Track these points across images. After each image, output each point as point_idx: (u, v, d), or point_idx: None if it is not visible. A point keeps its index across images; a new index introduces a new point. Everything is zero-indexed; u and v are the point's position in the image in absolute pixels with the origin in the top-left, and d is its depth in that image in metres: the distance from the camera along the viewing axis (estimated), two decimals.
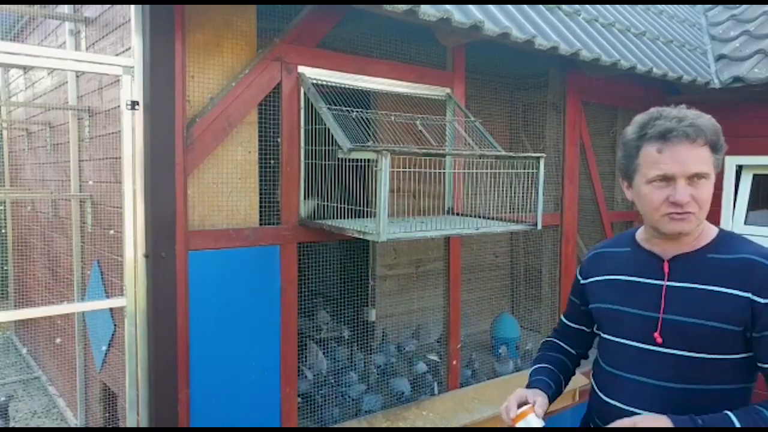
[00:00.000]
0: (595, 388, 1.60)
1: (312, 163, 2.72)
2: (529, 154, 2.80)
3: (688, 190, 1.38)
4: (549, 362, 1.72)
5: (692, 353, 1.41)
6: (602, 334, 1.62)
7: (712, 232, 1.51)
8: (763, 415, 1.32)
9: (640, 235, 1.59)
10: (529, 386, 1.59)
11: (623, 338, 1.53)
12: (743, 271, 1.39)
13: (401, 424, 3.00)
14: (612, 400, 1.53)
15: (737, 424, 1.30)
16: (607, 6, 4.18)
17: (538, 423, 1.46)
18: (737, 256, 1.42)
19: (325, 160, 2.66)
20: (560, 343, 1.79)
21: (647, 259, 1.52)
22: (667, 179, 1.39)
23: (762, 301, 1.35)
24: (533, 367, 1.71)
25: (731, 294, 1.38)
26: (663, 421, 1.34)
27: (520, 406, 1.50)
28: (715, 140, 1.42)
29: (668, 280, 1.46)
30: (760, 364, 1.39)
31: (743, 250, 1.43)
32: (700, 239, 1.49)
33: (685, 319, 1.42)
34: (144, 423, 2.43)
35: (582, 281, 1.67)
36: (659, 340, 1.44)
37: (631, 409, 1.47)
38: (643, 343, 1.48)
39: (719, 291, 1.40)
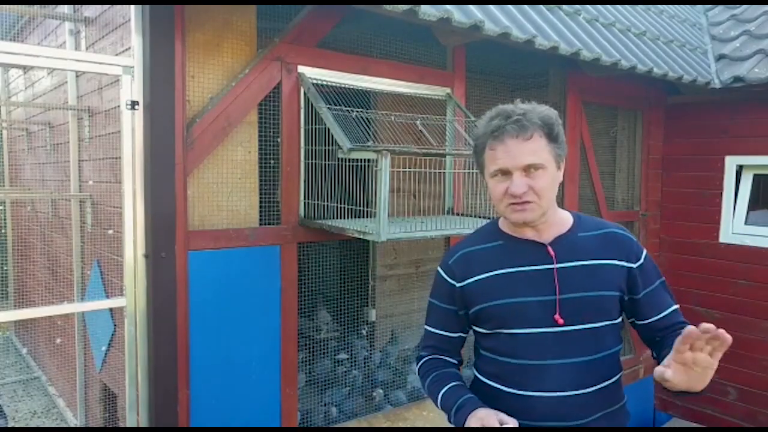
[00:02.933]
0: (503, 386, 1.53)
1: (312, 163, 2.72)
2: None
3: (524, 182, 1.45)
4: (458, 379, 1.60)
5: (590, 324, 1.50)
6: (502, 330, 1.53)
7: (566, 214, 1.62)
8: None
9: (506, 227, 1.60)
10: (462, 407, 1.49)
11: (528, 328, 1.51)
12: (611, 242, 1.55)
13: (401, 424, 3.00)
14: (531, 391, 1.49)
15: None
16: (608, 6, 4.18)
17: None
18: (601, 231, 1.58)
19: (325, 160, 2.66)
20: (444, 358, 1.66)
21: (529, 246, 1.55)
22: (504, 173, 1.47)
23: (634, 265, 1.54)
24: (447, 387, 1.57)
25: (609, 264, 1.53)
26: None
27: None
28: (549, 130, 1.48)
29: (557, 263, 1.52)
30: (639, 322, 1.57)
31: (601, 226, 1.60)
32: (565, 222, 1.59)
33: (579, 294, 1.50)
34: (144, 423, 2.43)
35: (458, 285, 1.57)
36: (560, 321, 1.49)
37: (552, 393, 1.47)
38: (547, 327, 1.50)
39: (600, 264, 1.53)
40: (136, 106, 2.32)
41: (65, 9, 3.20)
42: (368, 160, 2.53)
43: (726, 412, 4.37)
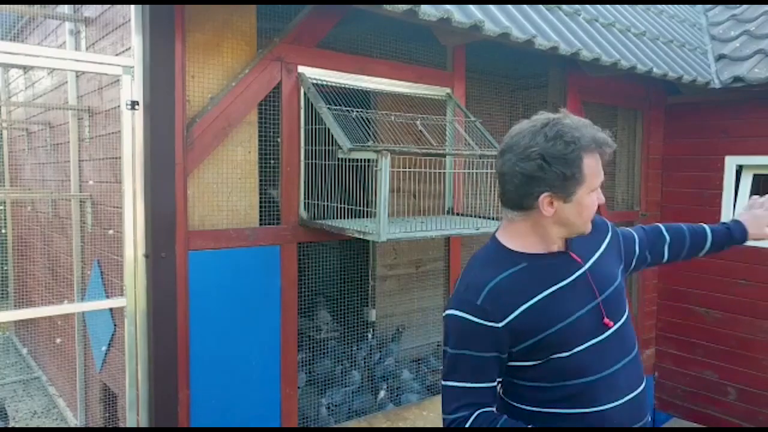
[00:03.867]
0: (579, 406, 1.38)
1: (312, 163, 2.72)
2: None
3: (601, 196, 1.49)
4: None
5: (625, 312, 1.48)
6: (557, 356, 1.37)
7: None
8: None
9: (521, 246, 1.43)
10: None
11: (582, 344, 1.39)
12: (597, 224, 1.56)
13: (401, 424, 3.00)
14: (607, 404, 1.38)
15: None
16: (607, 6, 4.18)
17: None
18: (610, 224, 1.66)
19: (325, 160, 2.66)
20: (492, 410, 1.40)
21: (555, 260, 1.42)
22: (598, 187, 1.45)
23: (618, 231, 1.65)
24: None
25: (606, 242, 1.56)
26: None
27: None
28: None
29: (585, 265, 1.45)
30: (665, 255, 1.74)
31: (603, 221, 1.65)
32: None
33: (611, 288, 1.46)
34: (144, 423, 2.43)
35: (500, 325, 1.34)
36: (610, 324, 1.41)
37: (628, 397, 1.40)
38: (598, 336, 1.40)
39: (603, 248, 1.54)
40: (136, 106, 2.32)
41: (65, 9, 3.20)
42: (368, 160, 2.53)
43: (726, 412, 4.37)
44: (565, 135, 1.37)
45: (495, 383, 1.41)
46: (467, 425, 1.36)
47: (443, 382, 1.42)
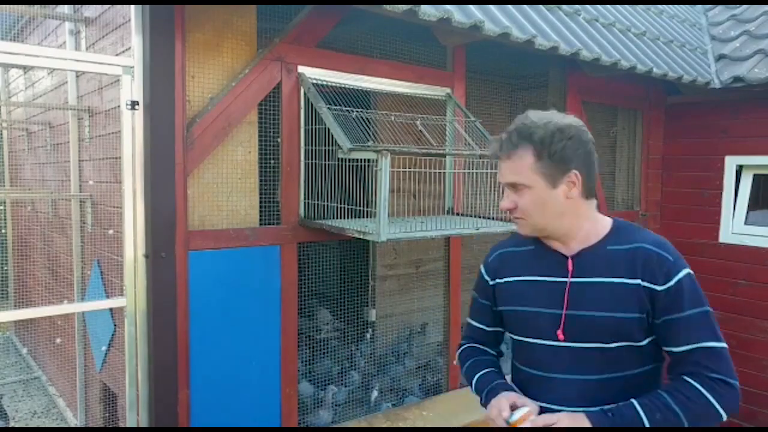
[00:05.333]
0: (521, 393, 1.54)
1: (312, 163, 2.72)
2: None
3: (510, 198, 1.48)
4: (494, 366, 1.66)
5: (598, 344, 1.44)
6: (514, 336, 1.59)
7: (606, 224, 1.52)
8: (664, 400, 1.37)
9: None
10: (492, 390, 1.55)
11: (534, 338, 1.52)
12: (638, 259, 1.43)
13: (401, 424, 3.00)
14: (543, 402, 1.49)
15: (640, 411, 1.37)
16: (608, 6, 4.18)
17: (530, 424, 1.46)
18: (632, 245, 1.45)
19: (325, 160, 2.66)
20: (481, 347, 1.71)
21: (552, 257, 1.52)
22: (507, 187, 1.50)
23: (658, 288, 1.40)
24: (482, 372, 1.63)
25: (630, 284, 1.42)
26: (581, 419, 1.39)
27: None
28: (540, 149, 1.42)
29: (572, 277, 1.48)
30: (664, 348, 1.45)
31: (636, 238, 1.47)
32: (598, 231, 1.50)
33: (589, 313, 1.44)
34: (144, 423, 2.43)
35: (491, 282, 1.62)
36: (561, 336, 1.47)
37: (558, 407, 1.46)
38: (550, 340, 1.49)
39: (620, 282, 1.43)
40: (136, 106, 2.32)
41: (65, 9, 3.20)
42: (368, 160, 2.53)
43: None
44: None
45: (490, 328, 1.68)
46: (458, 352, 1.74)
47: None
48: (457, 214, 3.24)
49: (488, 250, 1.72)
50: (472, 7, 2.82)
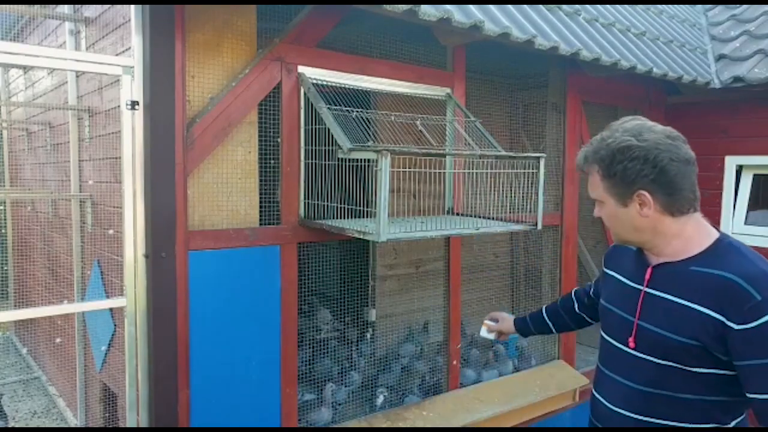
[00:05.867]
0: (593, 382, 1.72)
1: (312, 163, 2.72)
2: (529, 154, 2.80)
3: (596, 209, 1.57)
4: (547, 309, 2.11)
5: (660, 361, 1.45)
6: (600, 331, 1.70)
7: (705, 241, 1.45)
8: None
9: None
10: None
11: (608, 336, 1.63)
12: (720, 290, 1.35)
13: (401, 424, 3.00)
14: (596, 393, 1.65)
15: None
16: (607, 6, 4.18)
17: (486, 335, 2.22)
18: (719, 272, 1.37)
19: (325, 160, 2.66)
20: (573, 298, 2.04)
21: (639, 263, 1.57)
22: None
23: (736, 327, 1.31)
24: (536, 311, 2.14)
25: (703, 312, 1.37)
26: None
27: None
28: (605, 169, 1.46)
29: (647, 287, 1.51)
30: (747, 393, 1.37)
31: (727, 267, 1.37)
32: (688, 249, 1.45)
33: (656, 329, 1.46)
34: (144, 423, 2.43)
35: (604, 268, 1.76)
36: (632, 345, 1.52)
37: (610, 405, 1.57)
38: (621, 343, 1.56)
39: (692, 307, 1.39)
40: (136, 106, 2.32)
41: (65, 9, 3.20)
42: (368, 160, 2.53)
43: None
44: None
45: (594, 296, 1.94)
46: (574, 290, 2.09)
47: None
48: (457, 214, 3.24)
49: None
50: (472, 7, 2.82)
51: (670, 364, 1.43)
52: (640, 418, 1.50)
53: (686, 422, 1.44)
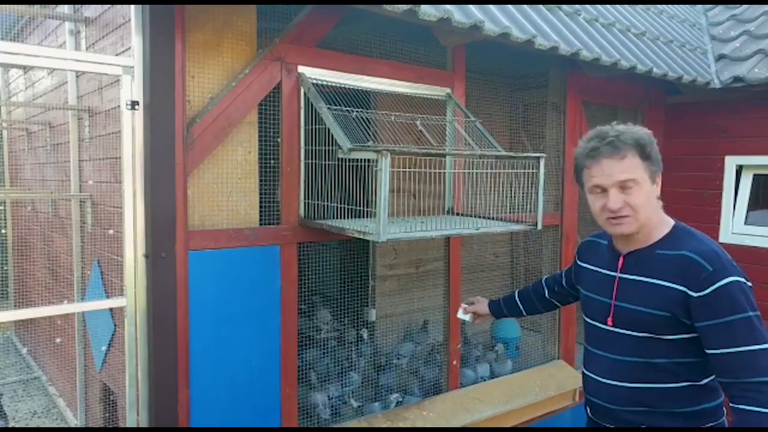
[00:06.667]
0: (583, 362, 1.93)
1: (312, 163, 2.72)
2: (529, 154, 2.80)
3: (620, 197, 1.64)
4: (519, 293, 2.34)
5: (637, 333, 1.70)
6: (583, 314, 1.94)
7: (666, 227, 1.73)
8: None
9: None
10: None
11: (590, 319, 1.87)
12: (681, 266, 1.62)
13: (401, 424, 3.00)
14: (586, 370, 1.88)
15: None
16: (607, 6, 4.18)
17: (462, 316, 2.41)
18: (678, 252, 1.65)
19: (325, 160, 2.66)
20: (544, 286, 2.27)
21: (612, 253, 1.82)
22: (602, 189, 1.67)
23: (695, 295, 1.58)
24: (510, 293, 2.38)
25: (669, 287, 1.63)
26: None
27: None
28: (641, 149, 1.64)
29: (620, 273, 1.76)
30: (706, 350, 1.61)
31: (684, 246, 1.65)
32: (652, 236, 1.72)
33: (631, 306, 1.71)
34: (144, 423, 2.43)
35: (578, 262, 2.00)
36: (610, 323, 1.77)
37: (599, 378, 1.80)
38: (601, 323, 1.81)
39: (660, 284, 1.66)
40: (136, 106, 2.32)
41: (65, 9, 3.20)
42: (368, 160, 2.53)
43: (726, 412, 4.37)
44: (578, 144, 1.76)
45: (564, 283, 2.20)
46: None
47: None
48: (457, 214, 3.24)
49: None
50: (472, 7, 2.82)
51: (647, 335, 1.68)
52: (624, 384, 1.73)
53: (664, 383, 1.69)
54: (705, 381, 1.69)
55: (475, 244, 4.15)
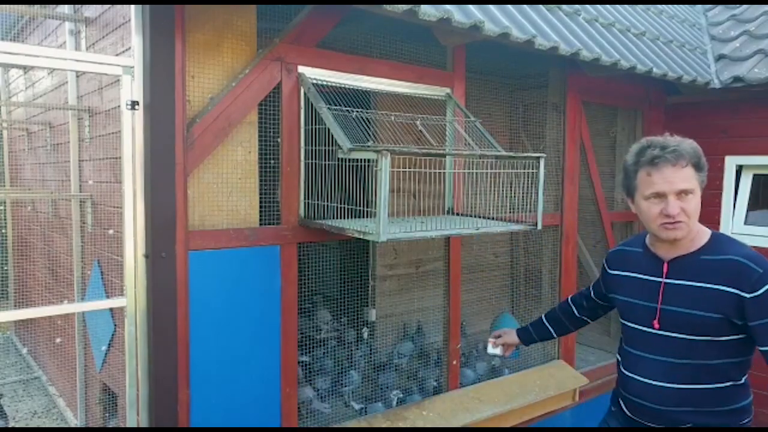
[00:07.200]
0: (620, 364, 2.01)
1: (312, 163, 2.72)
2: (529, 154, 2.80)
3: (677, 204, 1.74)
4: (547, 316, 2.38)
5: (685, 335, 1.79)
6: (621, 320, 2.02)
7: (705, 235, 1.84)
8: None
9: (648, 239, 1.96)
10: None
11: (634, 323, 1.94)
12: (729, 269, 1.73)
13: (401, 424, 3.00)
14: (629, 372, 1.94)
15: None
16: (607, 6, 4.18)
17: (492, 351, 2.41)
18: (725, 257, 1.75)
19: (325, 160, 2.66)
20: (571, 304, 2.33)
21: (652, 260, 1.91)
22: (660, 196, 1.76)
23: (748, 295, 1.69)
24: (536, 319, 2.41)
25: (719, 289, 1.73)
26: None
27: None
28: (697, 161, 1.76)
29: (666, 278, 1.85)
30: (759, 348, 1.72)
31: (730, 251, 1.76)
32: (695, 243, 1.83)
33: (679, 309, 1.80)
34: (144, 423, 2.43)
35: (609, 271, 2.08)
36: (656, 326, 1.86)
37: (644, 379, 1.88)
38: (647, 327, 1.89)
39: (708, 287, 1.75)
40: (137, 106, 2.32)
41: (65, 9, 3.20)
42: (368, 160, 2.53)
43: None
44: (631, 151, 1.86)
45: (595, 298, 2.24)
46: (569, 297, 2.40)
47: None
48: (457, 214, 3.24)
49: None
50: (472, 7, 2.82)
51: (695, 337, 1.77)
52: (672, 386, 1.82)
53: (709, 383, 1.79)
54: (743, 380, 1.85)
55: (475, 244, 4.15)
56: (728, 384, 1.81)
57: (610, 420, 2.09)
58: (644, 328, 1.89)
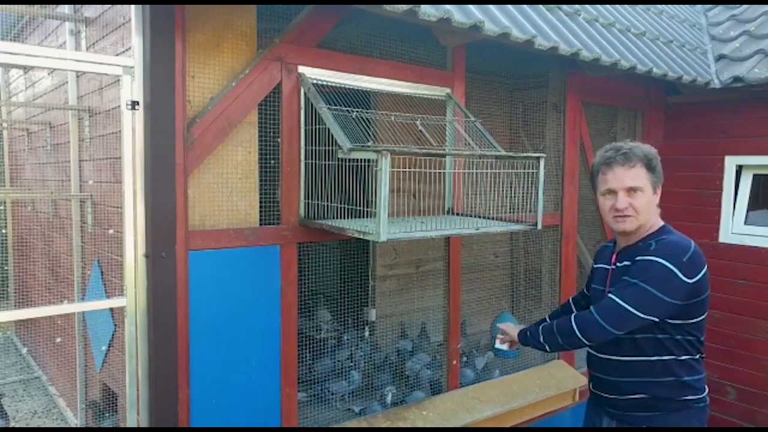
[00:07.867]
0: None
1: (312, 163, 2.72)
2: (529, 154, 2.80)
3: (626, 200, 2.00)
4: (551, 317, 2.47)
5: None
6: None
7: (653, 228, 2.07)
8: (550, 326, 2.16)
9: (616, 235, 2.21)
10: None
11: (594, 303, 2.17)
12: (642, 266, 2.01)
13: (401, 424, 3.01)
14: (592, 351, 2.21)
15: (539, 332, 2.19)
16: (607, 6, 4.18)
17: (500, 346, 2.53)
18: (645, 258, 1.98)
19: (325, 160, 2.66)
20: (572, 304, 2.52)
21: (611, 251, 2.21)
22: (612, 192, 2.03)
23: (629, 268, 2.02)
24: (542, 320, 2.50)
25: (630, 264, 2.04)
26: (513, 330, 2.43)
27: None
28: (648, 162, 2.00)
29: (613, 264, 2.14)
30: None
31: (653, 253, 1.97)
32: (642, 234, 2.07)
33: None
34: (144, 423, 2.43)
35: (593, 265, 2.34)
36: None
37: (598, 354, 2.16)
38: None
39: (630, 264, 2.03)
40: (137, 106, 2.32)
41: (65, 9, 3.20)
42: (368, 160, 2.53)
43: (726, 411, 4.37)
44: (597, 154, 2.12)
45: (585, 290, 2.46)
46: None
47: None
48: (457, 214, 3.24)
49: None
50: (472, 7, 2.82)
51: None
52: (616, 358, 2.08)
53: (649, 356, 2.03)
54: (684, 358, 2.04)
55: (475, 244, 4.15)
56: (668, 357, 2.02)
57: (589, 401, 2.34)
58: None
